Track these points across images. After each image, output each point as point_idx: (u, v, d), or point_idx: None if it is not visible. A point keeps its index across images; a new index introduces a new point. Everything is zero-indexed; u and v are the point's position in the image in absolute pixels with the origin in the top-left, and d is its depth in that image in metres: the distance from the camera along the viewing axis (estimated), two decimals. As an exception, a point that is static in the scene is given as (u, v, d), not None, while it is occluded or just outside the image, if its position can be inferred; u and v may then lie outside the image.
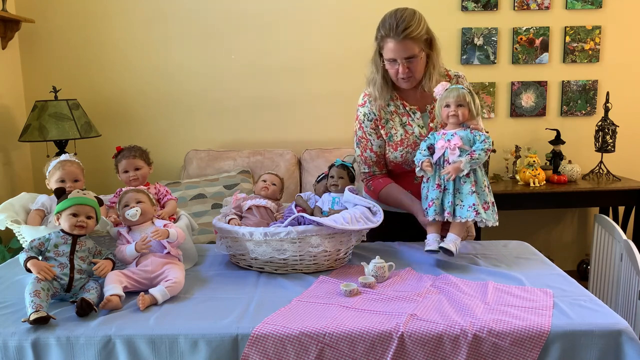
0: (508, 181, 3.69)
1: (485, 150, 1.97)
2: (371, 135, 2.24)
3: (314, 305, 1.67)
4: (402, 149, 2.19)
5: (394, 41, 2.05)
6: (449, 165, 1.97)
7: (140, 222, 1.91)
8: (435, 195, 2.00)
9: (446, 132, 2.02)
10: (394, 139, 2.21)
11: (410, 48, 2.05)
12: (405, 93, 2.24)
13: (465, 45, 3.75)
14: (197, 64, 3.72)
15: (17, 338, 1.52)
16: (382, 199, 2.25)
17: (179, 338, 1.52)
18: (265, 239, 1.89)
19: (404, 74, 2.10)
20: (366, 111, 2.24)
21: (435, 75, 2.17)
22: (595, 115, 3.83)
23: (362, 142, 2.27)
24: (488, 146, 1.98)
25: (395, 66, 2.10)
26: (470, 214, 1.96)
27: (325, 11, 3.71)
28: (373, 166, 2.27)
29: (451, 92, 2.02)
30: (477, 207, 1.96)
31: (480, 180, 2.01)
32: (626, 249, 2.48)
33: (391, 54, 2.07)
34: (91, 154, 3.55)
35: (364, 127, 2.25)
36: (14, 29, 3.43)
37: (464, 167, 1.94)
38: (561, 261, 3.70)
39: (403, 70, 2.09)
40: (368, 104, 2.24)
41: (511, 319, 1.57)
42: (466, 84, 2.25)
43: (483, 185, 2.01)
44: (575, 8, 3.75)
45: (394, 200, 2.22)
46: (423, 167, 2.00)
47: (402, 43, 2.04)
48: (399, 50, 2.05)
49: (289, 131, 3.81)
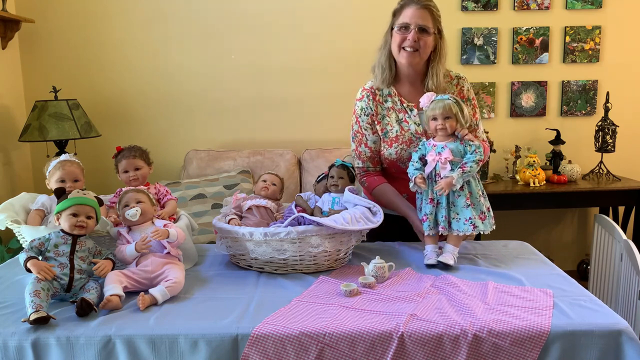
0: (508, 181, 3.69)
1: (476, 162, 1.95)
2: (367, 130, 2.24)
3: (314, 305, 1.67)
4: (397, 145, 2.19)
5: (414, 7, 2.10)
6: (440, 180, 1.96)
7: (140, 222, 1.91)
8: (429, 210, 2.00)
9: (436, 144, 2.01)
10: (389, 135, 2.21)
11: (426, 18, 2.10)
12: (403, 88, 2.24)
13: (465, 45, 3.75)
14: (197, 64, 3.72)
15: (17, 338, 1.52)
16: (375, 197, 2.25)
17: (179, 338, 1.52)
18: (265, 239, 1.89)
19: (412, 42, 2.10)
20: (363, 105, 2.24)
21: (441, 74, 2.17)
22: (595, 115, 3.84)
23: (357, 136, 2.27)
24: (480, 157, 1.96)
25: (405, 33, 2.11)
26: (468, 227, 1.97)
27: (326, 11, 3.71)
28: (367, 161, 2.27)
29: (437, 104, 1.99)
30: (474, 220, 1.97)
31: (475, 190, 2.00)
32: (626, 249, 2.48)
33: (407, 19, 2.11)
34: (91, 154, 3.55)
35: (360, 122, 2.25)
36: (14, 29, 3.43)
37: (456, 183, 1.93)
38: (561, 261, 3.70)
39: (413, 36, 2.09)
40: (366, 98, 2.24)
41: (511, 319, 1.57)
42: (467, 86, 2.26)
43: (478, 195, 2.01)
44: (575, 8, 3.75)
45: (387, 201, 2.21)
46: (416, 182, 2.00)
47: (421, 11, 2.10)
48: (416, 17, 2.10)
49: (289, 131, 3.81)
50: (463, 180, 1.95)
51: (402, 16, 2.13)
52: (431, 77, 2.17)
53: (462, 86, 2.25)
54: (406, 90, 2.24)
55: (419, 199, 2.07)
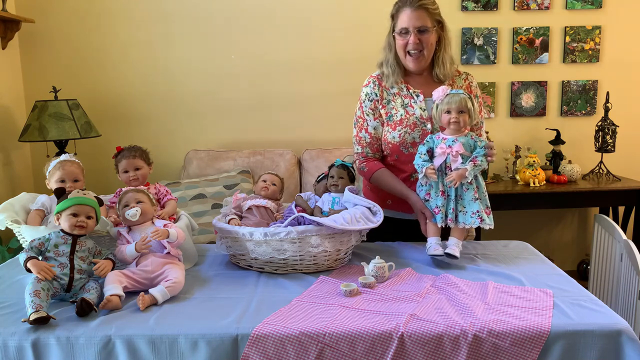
0: (508, 181, 3.68)
1: (486, 156, 1.99)
2: (368, 116, 2.25)
3: (314, 305, 1.67)
4: (400, 129, 2.19)
5: (409, 9, 2.11)
6: (451, 172, 1.98)
7: (140, 222, 1.91)
8: (440, 202, 2.02)
9: (446, 137, 2.02)
10: (393, 118, 2.21)
11: (423, 18, 2.10)
12: (411, 78, 2.25)
13: (465, 45, 3.75)
14: (197, 64, 3.72)
15: (17, 338, 1.52)
16: (374, 181, 2.25)
17: (179, 338, 1.52)
18: (265, 239, 1.89)
19: (414, 45, 2.12)
20: (368, 91, 2.26)
21: (448, 62, 2.19)
22: (595, 115, 3.84)
23: (359, 121, 2.28)
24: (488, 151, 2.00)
25: (406, 38, 2.13)
26: (475, 220, 1.99)
27: (326, 11, 3.71)
28: (366, 147, 2.27)
29: (452, 97, 2.01)
30: (481, 214, 1.99)
31: (482, 185, 2.04)
32: (626, 249, 2.48)
33: (404, 23, 2.12)
34: (91, 154, 3.55)
35: (363, 107, 2.27)
36: (14, 29, 3.43)
37: (469, 175, 1.96)
38: (561, 261, 3.70)
39: (414, 39, 2.11)
40: (372, 84, 2.26)
41: (511, 319, 1.57)
42: (475, 83, 2.27)
43: (484, 190, 2.04)
44: (575, 8, 3.75)
45: (386, 184, 2.22)
46: (427, 173, 2.00)
47: (417, 12, 2.10)
48: (413, 19, 2.10)
49: (289, 131, 3.81)
50: (474, 173, 1.98)
51: (399, 20, 2.15)
52: (438, 66, 2.20)
53: (471, 82, 2.28)
54: (413, 79, 2.26)
55: (422, 190, 2.08)
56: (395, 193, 2.20)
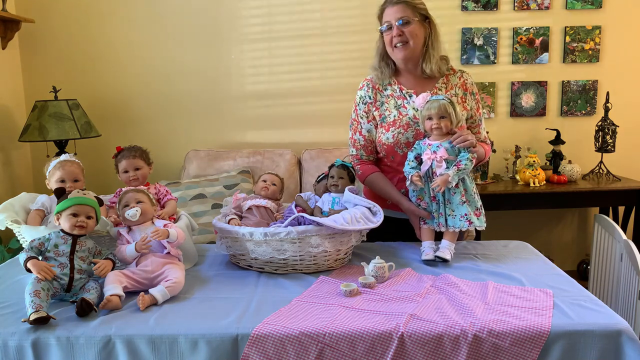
0: (508, 181, 3.68)
1: (471, 159, 2.00)
2: (362, 118, 2.27)
3: (314, 305, 1.67)
4: (394, 129, 2.20)
5: (390, 6, 2.16)
6: (436, 177, 2.00)
7: (140, 222, 1.91)
8: (434, 207, 2.06)
9: (431, 143, 2.05)
10: (387, 120, 2.23)
11: (403, 10, 2.14)
12: (403, 77, 2.27)
13: (465, 45, 3.75)
14: (197, 63, 3.72)
15: (17, 338, 1.52)
16: (368, 184, 2.28)
17: (179, 338, 1.52)
18: (265, 239, 1.89)
19: (397, 37, 2.14)
20: (362, 94, 2.28)
21: (436, 57, 2.20)
22: (595, 115, 3.83)
23: (353, 124, 2.31)
24: (473, 154, 2.02)
25: (390, 33, 2.16)
26: (464, 223, 2.02)
27: (327, 11, 3.71)
28: (360, 149, 2.30)
29: (432, 103, 2.04)
30: (470, 217, 2.02)
31: (470, 188, 2.06)
32: (626, 249, 2.48)
33: (387, 18, 2.16)
34: (91, 154, 3.55)
35: (357, 110, 2.29)
36: (14, 29, 3.43)
37: (452, 180, 1.98)
38: (561, 261, 3.70)
39: (397, 31, 2.13)
40: (365, 87, 2.28)
41: (511, 319, 1.57)
42: (470, 80, 2.27)
43: (472, 192, 2.07)
44: (575, 8, 3.75)
45: (379, 189, 2.24)
46: (413, 180, 2.04)
47: (397, 6, 2.14)
48: (394, 12, 2.14)
49: (289, 131, 3.81)
50: (458, 178, 2.00)
51: (383, 18, 2.19)
52: (424, 61, 2.20)
53: (466, 79, 2.28)
54: (405, 79, 2.27)
55: (413, 196, 2.11)
56: (387, 197, 2.22)
